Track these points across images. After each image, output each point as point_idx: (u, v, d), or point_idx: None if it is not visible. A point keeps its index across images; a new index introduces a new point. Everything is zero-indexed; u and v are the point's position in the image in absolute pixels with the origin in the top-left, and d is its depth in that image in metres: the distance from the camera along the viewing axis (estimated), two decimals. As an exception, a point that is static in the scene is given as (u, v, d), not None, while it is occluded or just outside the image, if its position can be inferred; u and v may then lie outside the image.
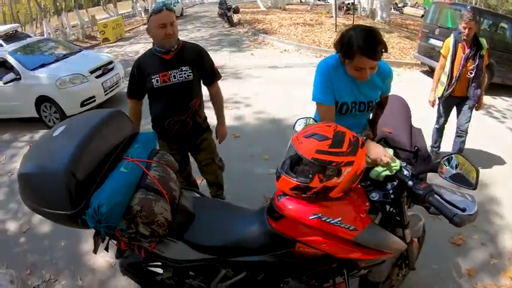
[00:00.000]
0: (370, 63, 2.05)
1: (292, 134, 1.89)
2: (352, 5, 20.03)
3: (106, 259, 3.56)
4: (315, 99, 2.31)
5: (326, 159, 1.67)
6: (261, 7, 23.86)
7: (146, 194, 1.82)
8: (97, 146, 1.89)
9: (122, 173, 1.83)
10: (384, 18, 17.99)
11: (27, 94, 7.30)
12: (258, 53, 12.05)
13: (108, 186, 1.77)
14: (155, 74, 2.83)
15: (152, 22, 2.72)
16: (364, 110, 2.35)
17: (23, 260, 3.77)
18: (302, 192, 1.77)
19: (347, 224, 1.78)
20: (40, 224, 4.30)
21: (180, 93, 2.92)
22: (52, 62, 7.86)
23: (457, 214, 1.64)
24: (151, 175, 1.91)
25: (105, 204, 1.68)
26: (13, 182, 5.35)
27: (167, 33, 2.70)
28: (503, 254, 3.43)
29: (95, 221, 1.70)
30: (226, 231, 2.07)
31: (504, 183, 4.31)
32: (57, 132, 1.93)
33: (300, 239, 1.87)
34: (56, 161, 1.75)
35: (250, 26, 16.57)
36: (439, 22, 9.59)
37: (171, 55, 2.84)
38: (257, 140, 5.54)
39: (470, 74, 4.44)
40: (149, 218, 1.79)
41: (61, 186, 1.71)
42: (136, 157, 1.95)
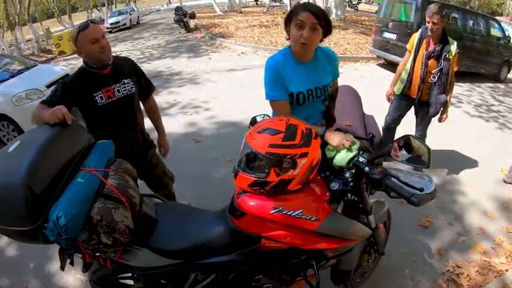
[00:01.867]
0: (311, 18, 2.05)
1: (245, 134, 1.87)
2: (307, 5, 20.27)
3: (77, 276, 3.40)
4: (268, 97, 2.30)
5: (280, 152, 1.66)
6: (217, 11, 23.92)
7: (105, 202, 1.75)
8: (53, 158, 1.82)
9: (78, 184, 1.77)
10: (339, 15, 18.35)
11: None
12: (216, 57, 11.95)
13: (65, 197, 1.70)
14: (97, 91, 2.56)
15: (82, 40, 2.45)
16: (321, 96, 2.34)
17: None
18: (260, 187, 1.75)
19: (308, 215, 1.78)
20: (4, 247, 4.09)
21: (126, 109, 2.75)
22: (6, 79, 7.48)
23: (414, 194, 1.66)
24: (109, 184, 1.85)
25: (64, 216, 1.61)
26: None
27: (102, 46, 2.48)
28: (471, 231, 3.50)
29: (56, 234, 1.62)
30: (191, 234, 2.02)
31: (464, 163, 4.42)
32: (11, 148, 1.86)
33: (264, 234, 1.86)
34: (12, 175, 1.66)
35: (207, 31, 16.50)
36: (392, 16, 9.83)
37: (108, 69, 2.62)
38: (219, 143, 5.40)
39: (433, 78, 4.05)
40: (110, 226, 1.72)
41: (18, 201, 1.62)
42: (94, 167, 1.89)
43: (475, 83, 9.39)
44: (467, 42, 9.41)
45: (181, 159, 3.32)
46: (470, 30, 9.64)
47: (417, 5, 8.72)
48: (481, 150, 5.12)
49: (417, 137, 4.27)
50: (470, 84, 9.19)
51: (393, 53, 9.36)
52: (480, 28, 9.95)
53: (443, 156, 4.82)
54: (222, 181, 4.49)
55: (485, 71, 10.29)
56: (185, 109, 7.09)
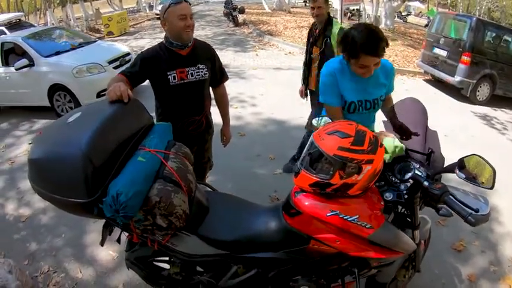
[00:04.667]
0: (374, 60, 2.13)
1: (313, 133, 1.92)
2: (357, 11, 20.14)
3: (109, 252, 3.50)
4: (323, 100, 2.40)
5: (348, 156, 1.70)
6: (266, 9, 23.91)
7: (165, 185, 1.77)
8: (114, 134, 1.83)
9: (139, 162, 1.79)
10: (388, 25, 18.07)
11: (41, 82, 7.08)
12: (263, 54, 12.06)
13: (126, 175, 1.72)
14: (171, 70, 2.63)
15: (171, 13, 2.51)
16: (370, 108, 2.43)
17: (21, 250, 3.71)
18: (321, 188, 1.79)
19: (363, 222, 1.81)
20: (40, 213, 4.29)
21: (196, 93, 2.79)
22: (67, 51, 7.64)
23: (472, 214, 1.70)
24: (170, 166, 1.87)
25: (124, 193, 1.62)
26: (13, 170, 5.42)
27: (188, 25, 2.53)
28: (503, 262, 3.49)
29: (113, 210, 1.64)
30: (241, 227, 2.06)
31: (505, 192, 4.37)
32: (71, 119, 1.88)
33: (315, 236, 1.89)
34: (72, 146, 1.67)
35: (255, 27, 16.60)
36: (443, 32, 9.68)
37: (187, 51, 2.68)
38: (262, 139, 5.58)
39: (316, 63, 4.06)
40: (167, 209, 1.74)
41: (77, 172, 1.64)
42: (154, 147, 1.91)
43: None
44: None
45: (224, 151, 3.40)
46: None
47: (471, 24, 8.57)
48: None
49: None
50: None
51: (442, 70, 9.22)
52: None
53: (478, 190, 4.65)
54: (263, 177, 4.62)
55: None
56: (231, 102, 7.13)
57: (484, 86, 8.85)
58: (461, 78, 8.56)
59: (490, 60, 8.75)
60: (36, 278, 3.32)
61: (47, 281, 3.28)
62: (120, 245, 3.05)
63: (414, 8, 41.73)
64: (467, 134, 6.35)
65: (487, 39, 8.86)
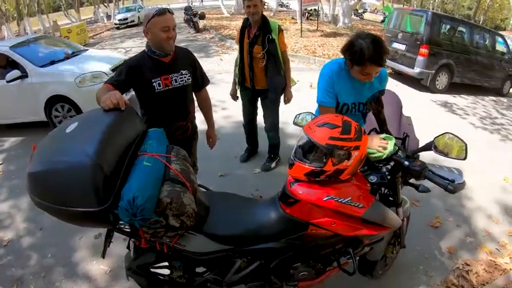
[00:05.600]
0: (377, 69, 2.30)
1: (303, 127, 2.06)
2: (315, 11, 20.56)
3: (100, 267, 3.43)
4: (319, 101, 2.54)
5: (338, 144, 1.87)
6: (224, 13, 24.15)
7: (173, 186, 1.80)
8: (117, 141, 1.82)
9: (146, 167, 1.80)
10: (346, 23, 18.63)
11: (36, 94, 6.54)
12: (227, 58, 12.05)
13: (137, 179, 1.73)
14: (156, 78, 2.68)
15: (154, 24, 2.54)
16: (362, 110, 2.61)
17: (7, 275, 3.50)
18: (315, 176, 1.95)
19: (356, 202, 1.98)
20: (22, 234, 4.10)
21: (180, 98, 2.87)
22: (62, 60, 7.16)
23: (450, 183, 1.92)
24: (174, 168, 1.91)
25: (140, 197, 1.63)
26: None
27: (170, 37, 2.60)
28: (477, 233, 3.76)
29: (130, 214, 1.63)
30: (242, 221, 2.15)
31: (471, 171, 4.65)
32: (70, 129, 1.83)
33: (313, 221, 2.03)
34: (80, 155, 1.63)
35: (217, 32, 16.72)
36: (401, 27, 10.08)
37: (169, 58, 2.74)
38: (237, 141, 5.59)
39: (262, 62, 4.07)
40: (179, 209, 1.76)
41: (88, 181, 1.60)
42: (156, 152, 1.93)
43: (479, 96, 9.65)
44: (473, 56, 9.74)
45: (203, 154, 3.45)
46: (475, 44, 9.90)
47: (427, 18, 9.00)
48: (485, 159, 5.38)
49: (269, 131, 4.63)
50: (475, 97, 9.45)
51: (401, 63, 9.64)
52: (485, 42, 10.22)
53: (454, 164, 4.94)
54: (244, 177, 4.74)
55: (489, 85, 10.54)
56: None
57: (443, 76, 9.31)
58: (420, 70, 8.98)
59: (446, 51, 9.20)
60: None
61: None
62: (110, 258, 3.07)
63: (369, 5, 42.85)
64: (430, 121, 6.69)
65: (442, 31, 9.33)
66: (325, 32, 16.18)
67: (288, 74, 4.33)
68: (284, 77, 4.26)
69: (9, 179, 5.49)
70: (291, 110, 4.17)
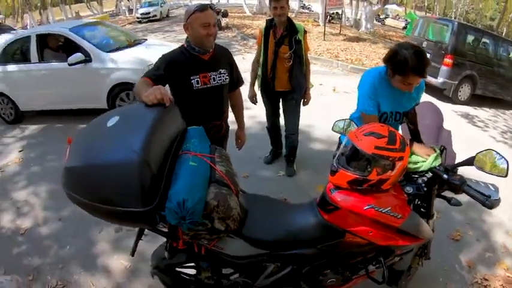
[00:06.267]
0: (418, 80, 2.37)
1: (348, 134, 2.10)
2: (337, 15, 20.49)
3: (120, 261, 3.41)
4: (361, 109, 2.59)
5: (384, 154, 1.90)
6: (246, 12, 24.21)
7: (219, 188, 1.76)
8: (162, 139, 1.76)
9: (193, 167, 1.74)
10: (368, 28, 18.55)
11: (101, 80, 6.38)
12: (249, 57, 11.94)
13: (184, 180, 1.67)
14: (195, 75, 2.64)
15: (195, 19, 2.51)
16: (399, 120, 2.67)
17: (24, 265, 3.51)
18: (358, 184, 1.98)
19: (395, 213, 2.00)
20: (40, 224, 4.14)
21: (217, 97, 2.83)
22: (125, 47, 7.02)
23: (488, 198, 1.93)
24: (219, 170, 1.88)
25: (190, 199, 1.58)
26: (4, 180, 5.25)
27: (210, 33, 2.55)
28: (496, 248, 3.76)
29: (179, 217, 1.58)
30: (279, 225, 2.15)
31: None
32: (111, 123, 1.74)
33: (350, 229, 2.06)
34: (125, 150, 1.55)
35: (239, 31, 16.78)
36: (425, 36, 10.04)
37: (208, 56, 2.69)
38: (261, 142, 5.51)
39: (288, 62, 4.06)
40: (225, 212, 1.73)
41: (135, 179, 1.52)
42: (200, 152, 1.88)
43: (500, 110, 9.54)
44: (496, 68, 9.63)
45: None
46: (499, 57, 9.79)
47: (453, 28, 8.93)
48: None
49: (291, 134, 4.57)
50: (496, 110, 9.35)
51: (425, 72, 9.47)
52: (509, 55, 10.10)
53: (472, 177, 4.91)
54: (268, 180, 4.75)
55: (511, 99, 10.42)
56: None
57: (465, 87, 9.23)
58: (443, 80, 8.92)
59: (470, 62, 9.13)
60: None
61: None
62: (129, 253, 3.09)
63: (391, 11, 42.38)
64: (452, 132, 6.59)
65: (467, 42, 9.26)
66: (347, 36, 16.16)
67: (308, 76, 4.35)
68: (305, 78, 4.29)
69: (28, 166, 5.60)
70: (313, 113, 4.21)
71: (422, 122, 2.68)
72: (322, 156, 5.06)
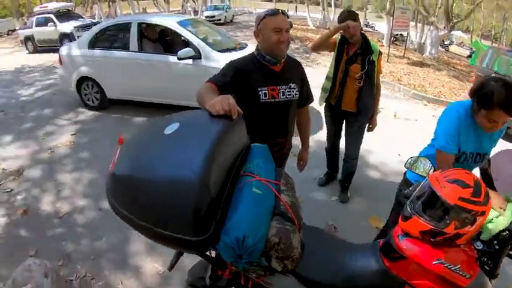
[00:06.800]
0: (505, 118, 2.11)
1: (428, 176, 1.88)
2: (401, 36, 20.03)
3: (154, 265, 3.28)
4: (440, 146, 2.33)
5: (467, 207, 1.67)
6: (310, 25, 24.12)
7: (283, 223, 1.54)
8: (224, 157, 1.54)
9: (256, 195, 1.52)
10: (433, 54, 17.96)
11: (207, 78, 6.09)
12: (310, 71, 11.79)
13: (246, 211, 1.45)
14: (263, 87, 2.41)
15: (266, 24, 2.34)
16: (478, 162, 2.39)
17: (56, 248, 3.49)
18: (432, 236, 1.77)
19: (464, 272, 1.76)
20: (79, 210, 4.14)
21: (284, 113, 2.58)
22: (234, 49, 6.78)
23: None
24: (284, 200, 1.64)
25: (251, 236, 1.37)
26: (52, 161, 5.39)
27: (282, 40, 2.32)
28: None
29: (235, 255, 1.39)
30: (337, 266, 1.96)
31: None
32: (169, 131, 1.52)
33: (411, 281, 1.85)
34: (183, 167, 1.34)
35: (302, 43, 16.68)
36: (494, 67, 9.50)
37: (279, 67, 2.47)
38: (317, 162, 5.02)
39: (358, 83, 3.74)
40: (286, 252, 1.51)
41: (190, 203, 1.31)
42: (264, 176, 1.65)
43: None
44: None
45: None
46: None
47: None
48: None
49: (350, 159, 4.27)
50: None
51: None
52: None
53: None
54: (320, 203, 4.50)
55: None
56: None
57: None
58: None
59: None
60: (71, 282, 3.12)
61: (83, 287, 3.10)
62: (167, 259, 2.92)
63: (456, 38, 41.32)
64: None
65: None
66: (411, 60, 15.70)
67: (377, 100, 4.10)
68: (374, 102, 4.04)
69: (77, 151, 5.71)
70: (372, 137, 4.03)
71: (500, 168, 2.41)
72: (377, 185, 4.80)
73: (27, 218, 4.08)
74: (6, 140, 6.46)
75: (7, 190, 4.70)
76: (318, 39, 3.92)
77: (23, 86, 10.73)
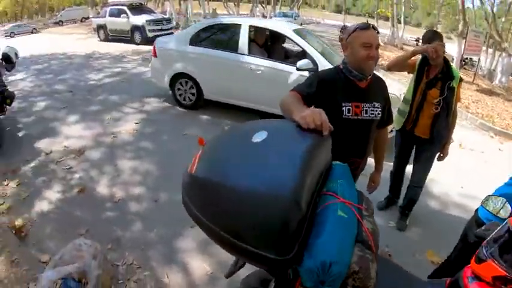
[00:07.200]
0: None
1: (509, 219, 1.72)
2: (470, 60, 19.25)
3: (203, 265, 3.22)
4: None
5: None
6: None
7: (364, 251, 1.42)
8: (312, 174, 1.42)
9: (342, 219, 1.44)
10: (503, 82, 17.06)
11: None
12: None
13: (333, 235, 1.36)
14: (347, 102, 2.32)
15: (355, 38, 2.27)
16: None
17: (107, 231, 3.56)
18: (504, 283, 1.62)
19: None
20: (134, 198, 4.17)
21: (365, 132, 2.47)
22: None
23: None
24: (366, 227, 1.53)
25: (339, 263, 1.29)
26: (114, 145, 5.55)
27: (371, 55, 2.24)
28: None
29: (317, 281, 1.29)
30: None
31: None
32: (258, 139, 1.45)
33: None
34: (274, 181, 1.27)
35: (369, 59, 16.31)
36: None
37: (365, 83, 2.38)
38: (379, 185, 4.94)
39: (435, 109, 3.56)
40: (363, 282, 1.38)
41: (280, 219, 1.23)
42: (348, 198, 1.55)
43: None
44: None
45: None
46: None
47: None
48: None
49: (415, 186, 4.05)
50: None
51: None
52: None
53: None
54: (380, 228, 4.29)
55: None
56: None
57: None
58: None
59: None
60: (117, 268, 3.14)
61: (129, 275, 3.09)
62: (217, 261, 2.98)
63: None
64: None
65: None
66: (480, 87, 14.97)
67: (452, 129, 3.91)
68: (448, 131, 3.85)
69: (139, 140, 5.81)
70: (436, 166, 3.93)
71: None
72: (437, 216, 4.54)
73: (82, 197, 4.21)
74: (71, 119, 6.75)
75: (66, 167, 4.89)
76: (395, 59, 3.81)
77: (92, 70, 11.24)
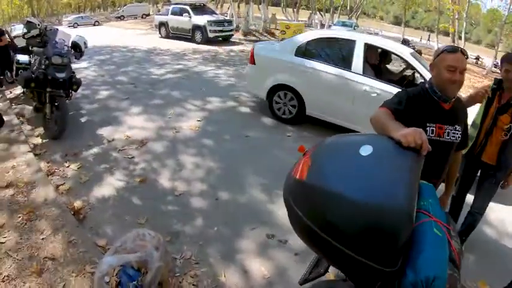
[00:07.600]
0: None
1: None
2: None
3: (261, 268, 3.15)
4: None
5: None
6: (439, 56, 23.09)
7: (453, 270, 1.43)
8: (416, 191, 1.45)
9: (438, 237, 1.45)
10: None
11: None
12: None
13: (434, 251, 1.39)
14: (432, 123, 2.32)
15: (441, 60, 2.25)
16: None
17: (166, 225, 3.55)
18: None
19: None
20: (196, 194, 4.15)
21: (445, 154, 2.46)
22: None
23: None
24: (454, 247, 1.53)
25: (441, 279, 1.29)
26: (176, 140, 5.60)
27: (454, 80, 2.21)
28: None
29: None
30: None
31: None
32: (365, 152, 1.50)
33: None
34: (390, 195, 1.32)
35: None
36: None
37: (449, 105, 2.37)
38: None
39: (505, 135, 3.36)
40: None
41: (395, 230, 1.28)
42: (438, 217, 1.56)
43: None
44: None
45: None
46: None
47: None
48: None
49: (476, 212, 3.79)
50: None
51: None
52: None
53: None
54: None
55: None
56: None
57: None
58: None
59: None
60: (175, 261, 3.12)
61: (186, 269, 3.06)
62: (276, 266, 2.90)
63: None
64: None
65: None
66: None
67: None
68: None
69: (201, 136, 5.83)
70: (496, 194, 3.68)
71: None
72: (492, 245, 4.24)
73: (143, 187, 4.22)
74: (134, 110, 6.86)
75: (128, 156, 4.95)
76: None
77: (153, 65, 11.48)
